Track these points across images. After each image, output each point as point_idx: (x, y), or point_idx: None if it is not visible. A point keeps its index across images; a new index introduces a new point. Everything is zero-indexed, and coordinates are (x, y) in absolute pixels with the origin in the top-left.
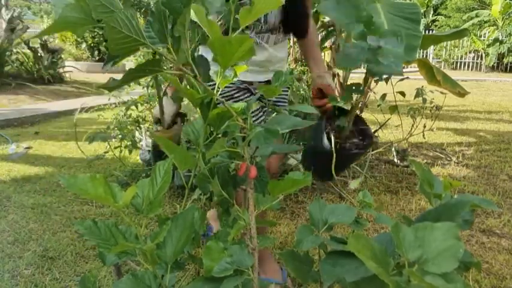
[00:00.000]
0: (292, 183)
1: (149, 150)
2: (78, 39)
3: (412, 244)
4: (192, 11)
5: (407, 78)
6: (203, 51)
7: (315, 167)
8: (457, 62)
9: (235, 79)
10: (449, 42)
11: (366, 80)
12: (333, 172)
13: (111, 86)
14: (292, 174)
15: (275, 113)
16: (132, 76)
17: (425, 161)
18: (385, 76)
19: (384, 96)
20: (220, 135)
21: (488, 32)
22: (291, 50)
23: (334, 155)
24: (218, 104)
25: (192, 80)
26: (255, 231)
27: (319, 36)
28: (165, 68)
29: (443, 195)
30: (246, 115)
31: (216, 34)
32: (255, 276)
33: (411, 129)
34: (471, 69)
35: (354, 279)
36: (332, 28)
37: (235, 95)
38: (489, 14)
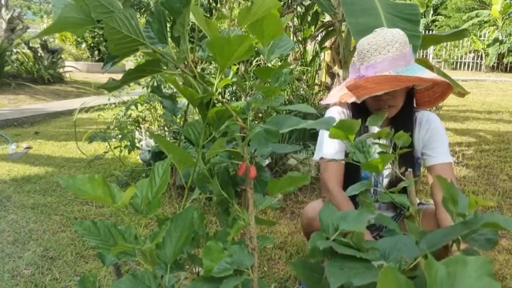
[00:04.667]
0: (291, 181)
1: (149, 150)
2: (78, 39)
3: (444, 282)
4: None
5: None
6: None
7: None
8: (457, 62)
9: None
10: (449, 42)
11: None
12: None
13: (111, 86)
14: (290, 173)
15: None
16: (132, 76)
17: None
18: None
19: None
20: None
21: (488, 32)
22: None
23: None
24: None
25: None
26: (255, 231)
27: (319, 36)
28: (165, 68)
29: (467, 214)
30: (246, 115)
31: (214, 34)
32: (255, 276)
33: None
34: (471, 69)
35: (362, 283)
36: (332, 28)
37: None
38: (489, 14)
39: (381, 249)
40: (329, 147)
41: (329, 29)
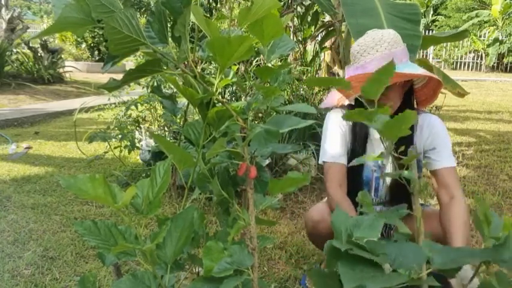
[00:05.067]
0: (291, 182)
1: (149, 150)
2: (78, 39)
3: None
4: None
5: None
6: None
7: None
8: (457, 62)
9: None
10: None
11: None
12: None
13: (111, 86)
14: (291, 174)
15: None
16: (132, 76)
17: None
18: None
19: None
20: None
21: (488, 32)
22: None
23: None
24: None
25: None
26: (255, 231)
27: (319, 36)
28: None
29: (501, 237)
30: (246, 115)
31: (215, 34)
32: (255, 276)
33: None
34: (471, 69)
35: (375, 287)
36: (332, 28)
37: None
38: (489, 14)
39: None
40: (331, 151)
41: (329, 29)
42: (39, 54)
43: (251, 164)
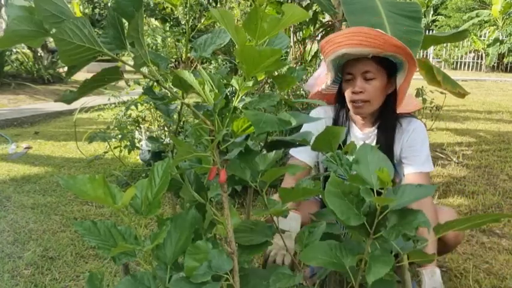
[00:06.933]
0: (304, 191)
1: (149, 150)
2: None
3: None
4: (218, 14)
5: None
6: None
7: None
8: (457, 62)
9: None
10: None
11: None
12: None
13: (69, 99)
14: (303, 181)
15: None
16: (90, 86)
17: None
18: None
19: None
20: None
21: (489, 32)
22: (291, 50)
23: None
24: None
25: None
26: (233, 235)
27: (319, 35)
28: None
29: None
30: (213, 117)
31: (243, 42)
32: (236, 280)
33: None
34: (471, 69)
35: None
36: (332, 28)
37: None
38: (489, 14)
39: None
40: (299, 147)
41: (328, 28)
42: (39, 54)
43: (222, 167)
